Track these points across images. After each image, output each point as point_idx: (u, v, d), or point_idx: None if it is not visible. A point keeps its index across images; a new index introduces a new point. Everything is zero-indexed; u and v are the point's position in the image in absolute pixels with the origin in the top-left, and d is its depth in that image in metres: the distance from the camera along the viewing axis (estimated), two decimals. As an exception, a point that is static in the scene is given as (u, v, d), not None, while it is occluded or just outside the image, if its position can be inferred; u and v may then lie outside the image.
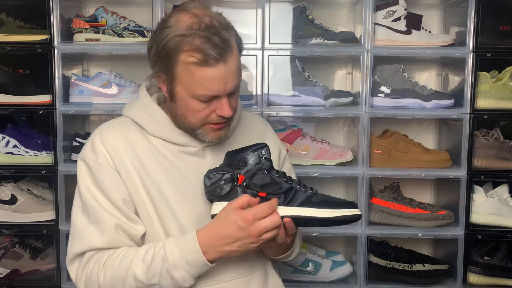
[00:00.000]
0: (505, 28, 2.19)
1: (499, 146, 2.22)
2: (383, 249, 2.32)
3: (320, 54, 2.17)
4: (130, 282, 1.27)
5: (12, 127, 2.25)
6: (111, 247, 1.31)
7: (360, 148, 2.19)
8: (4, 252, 2.26)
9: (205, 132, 1.34)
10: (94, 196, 1.32)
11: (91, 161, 1.34)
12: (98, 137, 1.36)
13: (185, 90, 1.29)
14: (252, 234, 1.22)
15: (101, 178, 1.32)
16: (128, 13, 2.30)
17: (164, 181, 1.35)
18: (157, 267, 1.26)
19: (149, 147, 1.36)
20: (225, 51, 1.25)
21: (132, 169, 1.33)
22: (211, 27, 1.24)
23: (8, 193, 2.23)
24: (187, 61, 1.24)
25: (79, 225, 1.33)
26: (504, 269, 2.25)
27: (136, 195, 1.34)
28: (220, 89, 1.27)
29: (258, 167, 1.27)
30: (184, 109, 1.32)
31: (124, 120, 1.42)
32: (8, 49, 2.14)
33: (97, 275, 1.29)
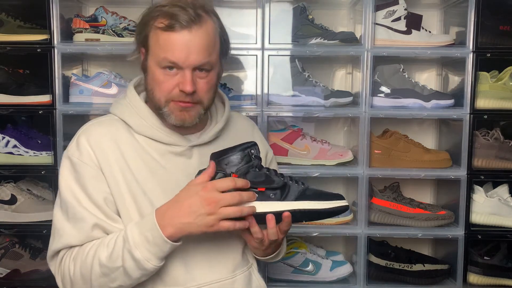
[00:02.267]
0: (505, 28, 2.19)
1: (499, 146, 2.22)
2: (383, 249, 2.32)
3: (320, 54, 2.17)
4: (96, 269, 1.25)
5: (12, 127, 2.25)
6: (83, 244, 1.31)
7: (360, 148, 2.19)
8: (4, 252, 2.26)
9: (170, 110, 1.32)
10: (74, 193, 1.31)
11: (75, 158, 1.33)
12: (84, 134, 1.36)
13: (152, 59, 1.31)
14: (209, 201, 1.19)
15: (83, 175, 1.31)
16: (128, 13, 2.30)
17: (149, 180, 1.34)
18: (119, 248, 1.24)
19: (135, 146, 1.35)
20: (193, 22, 1.27)
21: (116, 168, 1.32)
22: (191, 4, 1.28)
23: (8, 193, 2.23)
24: (156, 27, 1.29)
25: (57, 223, 1.33)
26: (504, 269, 2.25)
27: (118, 195, 1.32)
28: (181, 57, 1.27)
29: (249, 165, 1.27)
30: (152, 81, 1.33)
31: (111, 118, 1.41)
32: (8, 49, 2.14)
33: (68, 267, 1.29)
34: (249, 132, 1.57)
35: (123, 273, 1.25)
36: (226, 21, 1.48)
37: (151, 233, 1.22)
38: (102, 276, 1.26)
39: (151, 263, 1.24)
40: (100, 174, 1.32)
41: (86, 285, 1.28)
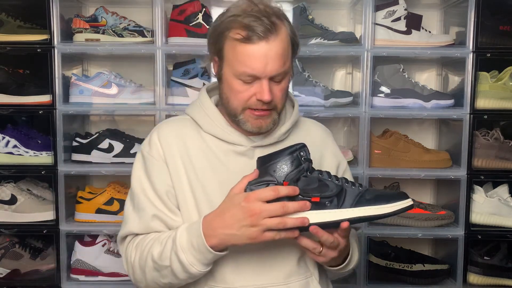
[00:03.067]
0: (505, 28, 2.19)
1: (499, 146, 2.22)
2: (383, 249, 2.32)
3: (320, 54, 2.17)
4: (149, 263, 1.32)
5: (12, 127, 2.25)
6: (146, 233, 1.37)
7: (360, 148, 2.19)
8: (4, 252, 2.26)
9: (246, 119, 1.34)
10: (141, 184, 1.39)
11: (146, 152, 1.42)
12: (156, 131, 1.44)
13: (229, 69, 1.32)
14: (251, 213, 1.18)
15: (151, 168, 1.39)
16: (128, 13, 2.30)
17: (209, 177, 1.38)
18: (169, 249, 1.28)
19: (201, 144, 1.40)
20: (270, 32, 1.27)
21: (180, 164, 1.38)
22: (263, 11, 1.28)
23: (8, 193, 2.23)
24: (233, 38, 1.29)
25: (126, 210, 1.42)
26: (504, 269, 2.25)
27: (179, 189, 1.37)
28: (259, 69, 1.28)
29: (299, 169, 1.21)
30: (228, 91, 1.34)
31: (183, 118, 1.47)
32: (8, 49, 2.14)
33: (130, 254, 1.37)
34: (320, 139, 1.52)
35: (171, 273, 1.30)
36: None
37: (196, 240, 1.25)
38: (154, 271, 1.32)
39: (196, 268, 1.27)
40: (165, 167, 1.38)
41: (142, 274, 1.35)
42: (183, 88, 2.22)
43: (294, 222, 1.19)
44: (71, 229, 2.20)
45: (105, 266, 2.23)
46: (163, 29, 2.15)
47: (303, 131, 1.49)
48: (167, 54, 2.16)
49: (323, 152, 1.48)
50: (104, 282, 2.23)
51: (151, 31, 2.19)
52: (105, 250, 2.24)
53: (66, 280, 2.22)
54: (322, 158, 1.47)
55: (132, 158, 2.21)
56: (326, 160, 1.48)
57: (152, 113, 2.18)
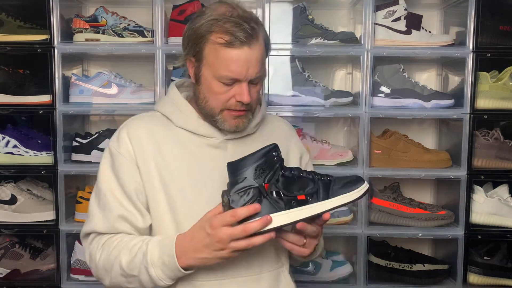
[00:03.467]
0: (505, 28, 2.19)
1: (499, 146, 2.22)
2: (383, 249, 2.32)
3: (320, 54, 2.17)
4: (116, 269, 1.34)
5: (12, 127, 2.25)
6: (110, 232, 1.38)
7: (360, 148, 2.19)
8: (4, 252, 2.26)
9: (224, 119, 1.38)
10: (108, 182, 1.39)
11: (114, 148, 1.41)
12: (125, 128, 1.44)
13: (209, 71, 1.35)
14: (217, 239, 1.22)
15: (119, 165, 1.39)
16: (128, 13, 2.30)
17: (183, 171, 1.39)
18: (138, 261, 1.31)
19: (173, 139, 1.42)
20: (252, 37, 1.31)
21: (151, 160, 1.38)
22: (243, 16, 1.32)
23: (8, 193, 2.23)
24: (215, 42, 1.32)
25: (91, 207, 1.42)
26: (504, 269, 2.25)
27: (149, 186, 1.38)
28: (241, 72, 1.32)
29: (275, 170, 1.24)
30: (207, 91, 1.37)
31: (153, 114, 1.48)
32: (8, 49, 2.14)
33: (95, 254, 1.38)
34: (286, 133, 1.58)
35: (138, 281, 1.33)
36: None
37: (168, 259, 1.29)
38: (120, 276, 1.35)
39: (164, 281, 1.31)
40: (134, 165, 1.39)
41: (107, 276, 1.37)
42: (183, 88, 2.22)
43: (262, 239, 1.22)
44: (71, 229, 2.20)
45: (105, 266, 2.23)
46: (163, 29, 2.15)
47: (270, 126, 1.55)
48: (167, 54, 2.16)
49: (288, 145, 1.54)
50: (104, 282, 2.23)
51: (151, 31, 2.19)
52: (105, 250, 2.24)
53: (66, 280, 2.22)
54: (288, 152, 1.53)
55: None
56: (291, 153, 1.54)
57: (152, 113, 2.18)
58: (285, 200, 1.23)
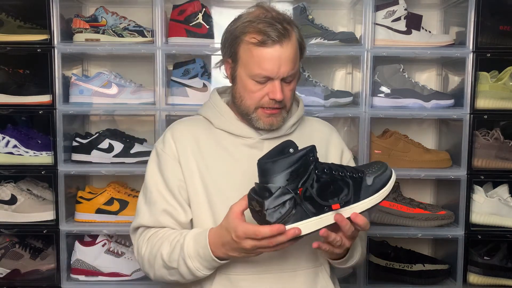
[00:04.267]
0: (505, 28, 2.19)
1: (499, 146, 2.22)
2: (383, 249, 2.32)
3: (320, 54, 2.17)
4: (158, 260, 1.41)
5: (12, 127, 2.25)
6: (156, 226, 1.46)
7: (360, 148, 2.19)
8: (4, 252, 2.26)
9: (258, 116, 1.44)
10: (154, 178, 1.49)
11: (160, 149, 1.51)
12: (170, 130, 1.54)
13: (244, 71, 1.42)
14: (244, 249, 1.26)
15: (164, 164, 1.49)
16: (128, 13, 2.30)
17: (220, 169, 1.46)
18: (177, 253, 1.37)
19: (212, 140, 1.50)
20: (283, 36, 1.37)
21: (192, 160, 1.47)
22: (276, 18, 1.39)
23: (8, 193, 2.23)
24: (248, 42, 1.39)
25: (139, 204, 1.52)
26: (504, 269, 2.25)
27: (191, 184, 1.46)
28: (273, 70, 1.38)
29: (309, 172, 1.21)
30: (242, 90, 1.44)
31: (195, 118, 1.58)
32: (8, 49, 2.14)
33: (141, 247, 1.46)
34: (325, 134, 1.61)
35: (178, 273, 1.39)
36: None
37: (203, 251, 1.34)
38: (163, 268, 1.41)
39: (202, 272, 1.37)
40: (177, 163, 1.48)
41: (151, 269, 1.44)
42: (183, 88, 2.22)
43: (287, 245, 1.23)
44: (71, 229, 2.20)
45: (105, 266, 2.23)
46: (163, 29, 2.15)
47: (309, 128, 1.60)
48: (167, 54, 2.16)
49: (328, 146, 1.57)
50: (104, 282, 2.23)
51: (151, 31, 2.19)
52: (105, 250, 2.24)
53: (66, 280, 2.22)
54: (328, 152, 1.56)
55: (132, 158, 2.22)
56: (331, 152, 1.57)
57: (152, 113, 2.18)
58: (317, 207, 1.21)
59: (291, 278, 1.44)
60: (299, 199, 1.19)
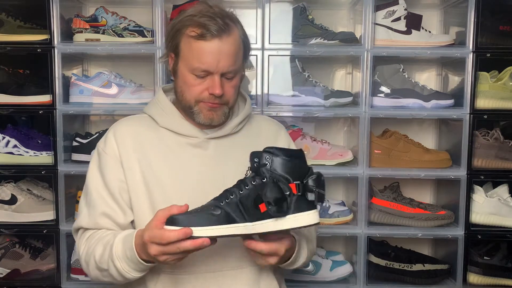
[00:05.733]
0: (505, 28, 2.19)
1: (499, 146, 2.22)
2: (383, 249, 2.32)
3: (320, 54, 2.17)
4: (92, 261, 1.40)
5: (12, 127, 2.25)
6: (94, 228, 1.45)
7: (360, 148, 2.19)
8: (4, 252, 2.26)
9: (199, 110, 1.42)
10: (95, 180, 1.46)
11: (100, 148, 1.49)
12: (112, 129, 1.51)
13: (184, 64, 1.41)
14: (151, 252, 1.23)
15: (104, 164, 1.46)
16: (128, 13, 2.30)
17: (165, 171, 1.44)
18: (107, 255, 1.36)
19: (157, 140, 1.47)
20: (223, 31, 1.36)
21: (134, 158, 1.45)
22: (218, 13, 1.38)
23: (8, 193, 2.23)
24: (188, 35, 1.38)
25: (80, 204, 1.51)
26: (504, 269, 2.25)
27: (132, 185, 1.44)
28: (212, 64, 1.37)
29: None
30: (182, 84, 1.43)
31: (140, 116, 1.55)
32: (8, 49, 2.14)
33: (79, 248, 1.46)
34: (273, 132, 1.60)
35: (109, 275, 1.37)
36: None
37: (129, 253, 1.32)
38: (96, 269, 1.40)
39: (131, 274, 1.34)
40: (119, 163, 1.45)
41: (87, 268, 1.43)
42: (183, 88, 2.22)
43: (192, 245, 1.20)
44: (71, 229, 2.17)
45: (105, 266, 2.23)
46: (163, 29, 2.14)
47: (256, 126, 1.58)
48: (167, 54, 2.16)
49: (275, 144, 1.54)
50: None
51: (151, 31, 2.19)
52: (105, 250, 2.24)
53: (66, 280, 2.22)
54: None
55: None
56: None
57: (152, 113, 2.18)
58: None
59: (235, 277, 1.44)
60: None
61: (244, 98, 1.59)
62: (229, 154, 1.48)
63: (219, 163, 1.46)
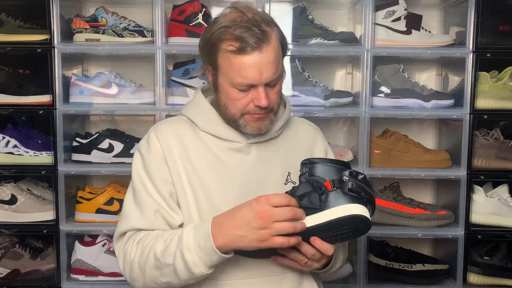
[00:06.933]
0: (505, 28, 2.19)
1: (499, 146, 2.22)
2: (383, 249, 2.32)
3: (320, 54, 2.17)
4: (150, 260, 1.31)
5: (12, 127, 2.25)
6: (149, 229, 1.38)
7: (360, 148, 2.19)
8: (4, 252, 2.26)
9: (246, 123, 1.39)
10: (142, 181, 1.41)
11: (144, 150, 1.44)
12: (153, 130, 1.46)
13: (225, 79, 1.36)
14: (261, 215, 1.20)
15: (151, 166, 1.41)
16: (128, 13, 2.30)
17: (208, 173, 1.41)
18: (173, 246, 1.28)
19: (198, 142, 1.44)
20: (262, 41, 1.31)
21: (179, 162, 1.41)
22: (253, 20, 1.32)
23: (8, 193, 2.23)
24: (226, 50, 1.32)
25: (127, 207, 1.43)
26: (504, 269, 2.25)
27: (179, 186, 1.40)
28: (255, 78, 1.32)
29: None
30: (225, 99, 1.39)
31: (179, 118, 1.51)
32: (8, 49, 2.14)
33: (130, 252, 1.36)
34: (311, 136, 1.58)
35: (173, 271, 1.29)
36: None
37: (203, 241, 1.25)
38: (155, 269, 1.31)
39: (199, 268, 1.27)
40: (165, 166, 1.41)
41: (141, 274, 1.34)
42: (183, 88, 2.22)
43: (302, 226, 1.22)
44: (71, 229, 2.20)
45: (105, 266, 2.23)
46: (163, 29, 2.15)
47: (295, 129, 1.56)
48: (167, 54, 2.16)
49: (313, 147, 1.55)
50: (104, 282, 2.23)
51: (151, 31, 2.19)
52: (105, 250, 2.24)
53: (66, 280, 2.22)
54: (313, 153, 1.53)
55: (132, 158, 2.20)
56: (315, 154, 1.54)
57: (152, 113, 2.18)
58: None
59: (278, 282, 1.41)
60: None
61: (284, 100, 1.55)
62: (270, 158, 1.46)
63: (260, 168, 1.44)
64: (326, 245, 1.26)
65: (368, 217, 1.24)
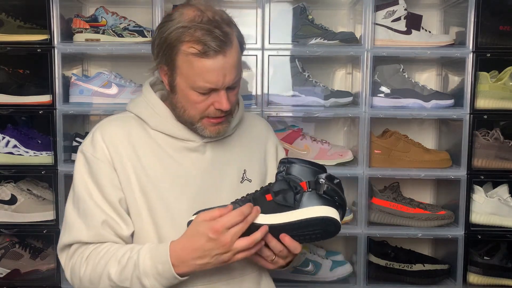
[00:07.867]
0: (505, 28, 2.19)
1: (499, 146, 2.22)
2: (383, 249, 2.32)
3: (320, 54, 2.17)
4: (105, 281, 1.28)
5: (12, 127, 2.25)
6: (96, 241, 1.32)
7: (360, 148, 2.19)
8: (4, 252, 2.26)
9: (204, 126, 1.35)
10: (87, 189, 1.33)
11: (89, 153, 1.35)
12: (98, 130, 1.37)
13: (185, 82, 1.30)
14: (223, 244, 1.19)
15: (97, 171, 1.33)
16: (128, 13, 2.30)
17: (162, 176, 1.35)
18: (129, 271, 1.25)
19: (150, 142, 1.37)
20: (225, 44, 1.26)
21: (128, 165, 1.34)
22: (213, 20, 1.27)
23: (8, 193, 2.23)
24: (187, 52, 1.26)
25: (69, 217, 1.35)
26: (504, 269, 2.25)
27: (129, 192, 1.34)
28: (218, 82, 1.28)
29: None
30: (184, 101, 1.33)
31: (127, 115, 1.43)
32: (8, 49, 2.14)
33: (79, 267, 1.31)
34: (264, 131, 1.58)
35: None
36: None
37: (162, 267, 1.24)
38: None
39: None
40: (113, 171, 1.33)
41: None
42: (183, 88, 2.22)
43: (261, 234, 1.22)
44: (71, 229, 2.20)
45: (105, 266, 2.23)
46: (163, 29, 2.14)
47: (248, 125, 1.54)
48: (167, 54, 2.16)
49: (267, 142, 1.54)
50: (104, 282, 2.23)
51: (151, 31, 2.19)
52: (105, 250, 2.24)
53: (66, 280, 2.21)
54: (266, 148, 1.53)
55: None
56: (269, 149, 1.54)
57: (152, 113, 2.18)
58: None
59: (240, 284, 1.41)
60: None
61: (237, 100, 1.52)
62: (226, 157, 1.43)
63: (216, 167, 1.41)
64: (295, 243, 1.26)
65: (339, 220, 1.25)
